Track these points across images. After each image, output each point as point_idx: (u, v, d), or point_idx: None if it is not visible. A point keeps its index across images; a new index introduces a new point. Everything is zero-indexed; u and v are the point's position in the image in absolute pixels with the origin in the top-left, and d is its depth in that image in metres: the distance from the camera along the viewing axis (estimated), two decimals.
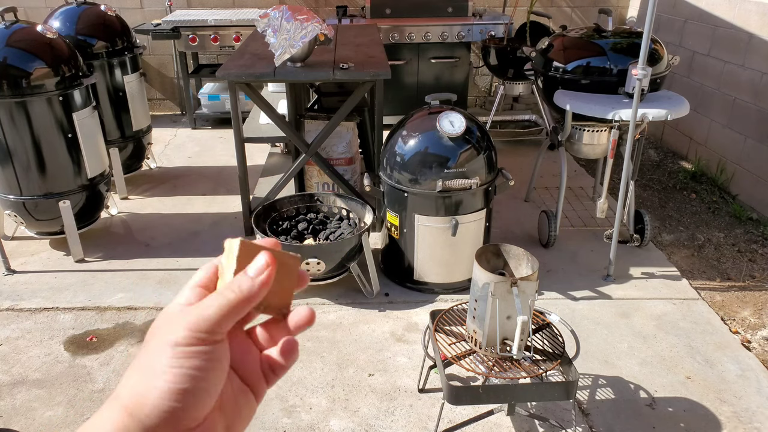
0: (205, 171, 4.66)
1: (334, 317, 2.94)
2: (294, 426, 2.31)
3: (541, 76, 3.53)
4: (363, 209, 3.17)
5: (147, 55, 5.87)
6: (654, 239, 3.70)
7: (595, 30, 3.44)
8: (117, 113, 4.08)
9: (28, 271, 3.32)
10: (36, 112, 3.09)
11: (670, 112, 3.02)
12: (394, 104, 4.94)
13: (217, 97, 5.47)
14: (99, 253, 3.49)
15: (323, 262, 2.87)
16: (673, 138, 5.13)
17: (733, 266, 3.48)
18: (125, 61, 4.05)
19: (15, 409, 2.39)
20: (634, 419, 2.36)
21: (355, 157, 3.78)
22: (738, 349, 2.75)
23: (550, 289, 3.17)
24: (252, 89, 3.28)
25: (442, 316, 2.31)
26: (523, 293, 1.97)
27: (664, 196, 4.36)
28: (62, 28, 3.82)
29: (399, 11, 4.92)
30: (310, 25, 3.06)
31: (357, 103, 3.32)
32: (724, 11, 4.37)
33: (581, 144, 3.37)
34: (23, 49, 3.06)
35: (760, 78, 4.01)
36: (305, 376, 2.56)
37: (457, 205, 2.92)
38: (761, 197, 4.03)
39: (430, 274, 3.08)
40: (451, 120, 2.85)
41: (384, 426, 2.31)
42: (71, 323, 2.89)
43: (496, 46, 4.85)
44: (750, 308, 3.11)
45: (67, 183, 3.29)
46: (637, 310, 3.01)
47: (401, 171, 2.95)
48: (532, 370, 2.04)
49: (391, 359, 2.66)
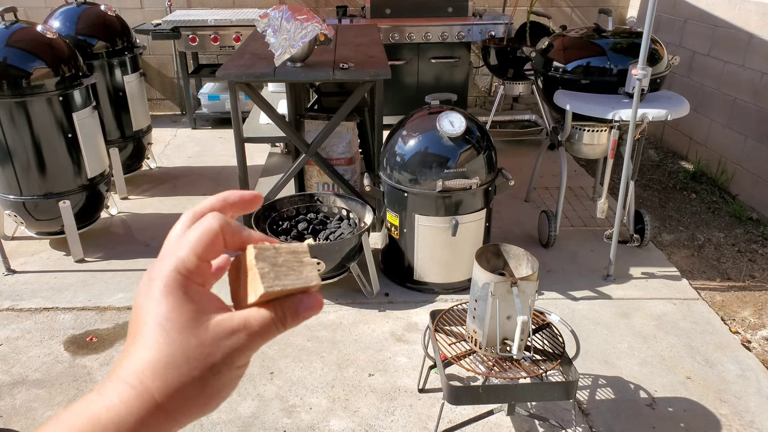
0: (205, 171, 4.66)
1: (334, 317, 2.94)
2: (294, 426, 2.31)
3: (541, 76, 3.53)
4: (363, 209, 3.17)
5: (147, 55, 5.87)
6: (654, 239, 3.70)
7: (595, 30, 3.44)
8: (117, 113, 4.08)
9: (28, 271, 3.32)
10: (36, 112, 3.09)
11: (670, 112, 3.02)
12: (394, 104, 4.94)
13: (217, 97, 5.47)
14: (99, 253, 3.49)
15: (323, 262, 2.87)
16: (673, 138, 5.13)
17: (733, 266, 3.48)
18: (125, 61, 4.05)
19: (15, 409, 2.39)
20: (634, 419, 2.36)
21: (355, 157, 3.78)
22: (738, 349, 2.75)
23: (550, 289, 3.17)
24: (252, 89, 3.28)
25: (442, 316, 2.31)
26: (523, 293, 1.97)
27: (664, 196, 4.36)
28: (62, 28, 3.82)
29: (399, 11, 4.92)
30: (310, 25, 3.06)
31: (357, 103, 3.32)
32: (724, 11, 4.37)
33: (581, 144, 3.37)
34: (23, 49, 3.06)
35: (760, 78, 4.01)
36: (305, 376, 2.56)
37: (457, 205, 2.92)
38: (761, 197, 4.03)
39: (430, 274, 3.08)
40: (451, 120, 2.85)
41: (384, 426, 2.31)
42: (71, 323, 2.89)
43: (496, 46, 4.85)
44: (750, 308, 3.11)
45: (67, 183, 3.29)
46: (637, 310, 3.01)
47: (401, 171, 2.95)
48: (532, 370, 2.04)
49: (391, 359, 2.66)
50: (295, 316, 0.45)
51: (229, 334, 0.43)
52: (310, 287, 0.45)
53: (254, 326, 0.44)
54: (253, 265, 0.44)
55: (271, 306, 0.44)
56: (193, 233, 0.44)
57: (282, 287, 0.44)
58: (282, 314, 0.44)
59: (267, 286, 0.43)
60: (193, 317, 0.42)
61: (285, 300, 0.45)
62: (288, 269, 0.45)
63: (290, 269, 0.45)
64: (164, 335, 0.42)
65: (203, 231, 0.44)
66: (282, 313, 0.44)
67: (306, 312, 0.45)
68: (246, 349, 0.43)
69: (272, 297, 0.44)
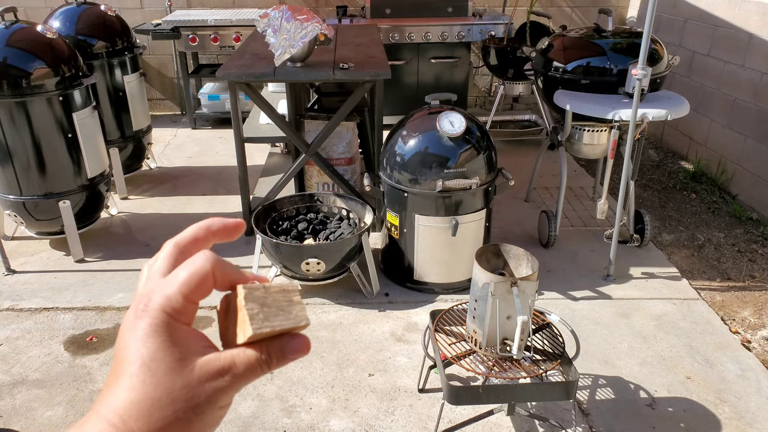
0: (205, 171, 4.66)
1: (334, 317, 2.94)
2: (294, 426, 2.31)
3: (541, 76, 3.53)
4: (363, 209, 3.17)
5: (147, 55, 5.87)
6: (654, 239, 3.70)
7: (595, 30, 3.44)
8: (117, 113, 4.08)
9: (28, 271, 3.32)
10: (36, 112, 3.09)
11: (670, 112, 3.02)
12: (394, 104, 4.94)
13: (217, 97, 5.47)
14: (99, 253, 3.49)
15: (323, 262, 2.87)
16: (673, 138, 5.13)
17: (733, 266, 3.48)
18: (125, 61, 4.05)
19: (15, 409, 2.39)
20: (634, 419, 2.36)
21: (355, 157, 3.78)
22: (738, 349, 2.75)
23: (550, 289, 3.17)
24: (252, 89, 3.28)
25: (442, 316, 2.31)
26: (523, 293, 1.97)
27: (664, 196, 4.36)
28: (62, 28, 3.82)
29: (399, 11, 4.92)
30: (310, 25, 3.06)
31: (357, 103, 3.32)
32: (724, 11, 4.37)
33: (581, 144, 3.37)
34: (23, 49, 3.06)
35: (760, 78, 4.01)
36: (305, 376, 2.56)
37: (457, 205, 2.92)
38: (761, 197, 4.03)
39: (430, 274, 3.08)
40: (451, 120, 2.85)
41: (384, 426, 2.31)
42: (71, 323, 2.89)
43: (496, 46, 4.85)
44: (750, 308, 3.11)
45: (67, 183, 3.29)
46: (637, 310, 3.01)
47: (401, 171, 2.95)
48: (532, 370, 2.04)
49: (391, 359, 2.66)
50: (281, 359, 0.45)
51: (215, 376, 0.43)
52: (298, 327, 0.46)
53: (239, 368, 0.44)
54: (242, 305, 0.44)
55: (258, 347, 0.44)
56: (183, 273, 0.44)
57: (271, 328, 0.44)
58: (268, 356, 0.44)
59: (256, 328, 0.43)
60: (180, 358, 0.42)
61: (272, 342, 0.45)
62: (277, 309, 0.45)
63: (279, 309, 0.45)
64: (150, 376, 0.41)
65: (194, 272, 0.44)
66: (268, 355, 0.44)
67: (292, 354, 0.45)
68: (230, 389, 0.44)
69: (261, 338, 0.44)
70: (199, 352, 0.44)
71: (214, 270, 0.44)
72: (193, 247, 0.47)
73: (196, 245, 0.48)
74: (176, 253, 0.46)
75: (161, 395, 0.41)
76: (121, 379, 0.42)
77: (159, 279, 0.45)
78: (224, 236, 0.49)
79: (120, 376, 0.42)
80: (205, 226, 0.49)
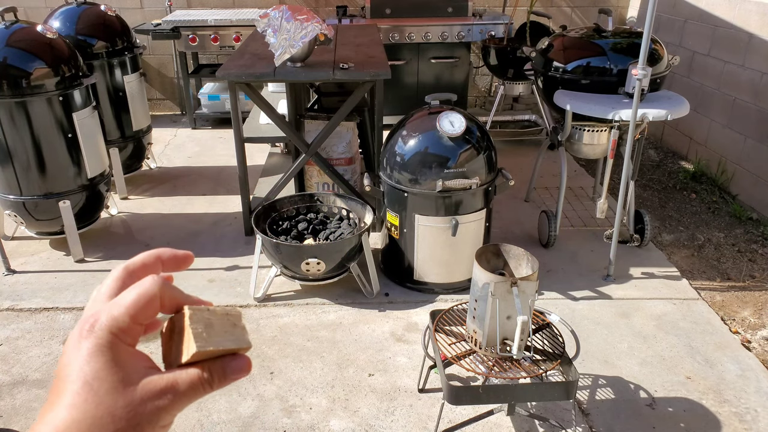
0: (205, 171, 4.66)
1: (334, 317, 2.94)
2: (294, 426, 2.31)
3: (541, 76, 3.53)
4: (363, 209, 3.17)
5: (147, 55, 5.87)
6: (654, 239, 3.70)
7: (595, 30, 3.44)
8: (117, 113, 4.08)
9: (28, 271, 3.32)
10: (36, 112, 3.09)
11: (670, 112, 3.02)
12: (394, 104, 4.94)
13: (217, 97, 5.47)
14: (99, 253, 3.49)
15: (323, 262, 2.87)
16: (673, 138, 5.13)
17: (733, 266, 3.48)
18: (125, 61, 4.05)
19: (15, 409, 2.39)
20: (634, 419, 2.36)
21: (355, 157, 3.78)
22: (738, 349, 2.75)
23: (550, 289, 3.17)
24: (252, 89, 3.28)
25: (442, 316, 2.31)
26: (523, 293, 1.97)
27: (664, 196, 4.36)
28: (62, 28, 3.82)
29: (399, 11, 4.92)
30: (310, 25, 3.06)
31: (357, 103, 3.32)
32: (724, 11, 4.37)
33: (581, 144, 3.37)
34: (23, 49, 3.06)
35: (760, 78, 4.01)
36: (305, 376, 2.56)
37: (457, 205, 2.92)
38: (761, 197, 4.03)
39: (430, 274, 3.08)
40: (451, 120, 2.85)
41: (384, 426, 2.31)
42: (71, 323, 2.89)
43: (496, 46, 4.85)
44: (750, 308, 3.11)
45: (67, 183, 3.29)
46: (637, 310, 3.01)
47: (401, 171, 2.95)
48: (532, 370, 2.04)
49: (391, 359, 2.66)
50: (223, 378, 0.46)
51: (158, 395, 0.43)
52: (241, 349, 0.47)
53: (181, 387, 0.44)
54: (187, 325, 0.45)
55: (200, 366, 0.45)
56: (131, 295, 0.44)
57: (214, 346, 0.45)
58: (209, 376, 0.45)
59: (199, 346, 0.44)
60: (123, 378, 0.43)
61: (214, 361, 0.46)
62: (221, 330, 0.46)
63: (223, 330, 0.46)
64: (92, 394, 0.42)
65: (141, 294, 0.45)
66: (209, 374, 0.45)
67: (234, 374, 0.46)
68: (172, 409, 0.44)
69: (204, 357, 0.45)
70: (143, 373, 0.44)
71: (162, 293, 0.45)
72: (141, 272, 0.49)
73: (145, 271, 0.49)
74: (125, 276, 0.48)
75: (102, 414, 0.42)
76: (62, 396, 0.42)
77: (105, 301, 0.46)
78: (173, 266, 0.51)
79: (61, 394, 0.42)
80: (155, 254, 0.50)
